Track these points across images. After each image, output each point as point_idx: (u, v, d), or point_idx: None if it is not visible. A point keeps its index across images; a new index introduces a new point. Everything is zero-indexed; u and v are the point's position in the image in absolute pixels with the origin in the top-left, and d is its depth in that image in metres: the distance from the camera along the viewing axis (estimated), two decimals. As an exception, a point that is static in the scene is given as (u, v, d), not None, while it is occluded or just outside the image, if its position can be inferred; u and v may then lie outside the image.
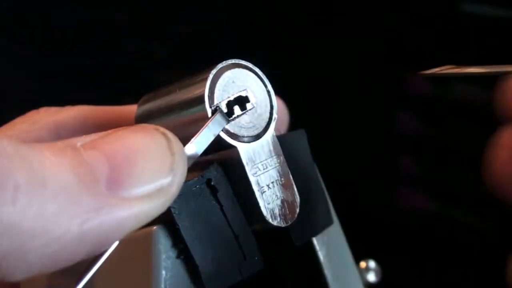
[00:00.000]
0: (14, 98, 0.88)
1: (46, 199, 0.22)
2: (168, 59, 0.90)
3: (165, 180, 0.25)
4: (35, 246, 0.22)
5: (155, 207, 0.25)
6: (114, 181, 0.24)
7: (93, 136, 0.25)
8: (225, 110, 0.30)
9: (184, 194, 0.29)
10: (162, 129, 0.26)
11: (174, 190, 0.26)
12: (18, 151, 0.22)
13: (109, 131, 0.26)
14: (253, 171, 0.31)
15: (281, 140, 0.32)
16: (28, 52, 0.89)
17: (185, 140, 0.28)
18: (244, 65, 0.31)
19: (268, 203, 0.31)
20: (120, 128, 0.26)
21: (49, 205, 0.22)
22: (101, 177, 0.24)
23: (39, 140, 0.33)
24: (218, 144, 0.30)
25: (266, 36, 0.96)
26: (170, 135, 0.26)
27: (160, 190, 0.25)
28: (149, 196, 0.25)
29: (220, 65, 0.31)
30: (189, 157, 0.28)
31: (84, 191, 0.23)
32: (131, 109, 0.35)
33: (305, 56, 0.92)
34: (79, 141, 0.25)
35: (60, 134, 0.38)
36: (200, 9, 0.93)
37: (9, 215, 0.21)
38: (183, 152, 0.27)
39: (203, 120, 0.30)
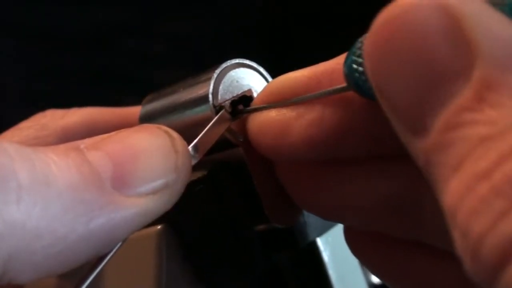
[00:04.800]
0: (14, 98, 0.87)
1: (50, 199, 0.22)
2: (168, 58, 0.90)
3: (170, 177, 0.25)
4: (41, 246, 0.22)
5: (160, 204, 0.25)
6: (119, 179, 0.24)
7: (96, 139, 0.25)
8: (229, 109, 0.30)
9: (189, 193, 0.29)
10: (164, 127, 0.26)
11: (179, 187, 0.26)
12: (20, 152, 0.22)
13: (112, 133, 0.26)
14: None
15: None
16: (28, 52, 0.88)
17: (189, 140, 0.28)
18: (248, 64, 0.31)
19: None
20: (122, 130, 0.26)
21: (54, 204, 0.22)
22: (105, 175, 0.24)
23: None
24: (222, 144, 0.30)
25: (266, 36, 0.96)
26: (174, 133, 0.26)
27: (165, 187, 0.25)
28: (154, 193, 0.25)
29: (224, 65, 0.31)
30: (194, 157, 0.28)
31: (88, 190, 0.23)
32: (139, 111, 0.35)
33: (306, 56, 0.92)
34: (82, 143, 0.25)
35: (68, 139, 0.37)
36: (199, 8, 0.93)
37: (14, 215, 0.21)
38: (187, 150, 0.27)
39: (207, 119, 0.29)
